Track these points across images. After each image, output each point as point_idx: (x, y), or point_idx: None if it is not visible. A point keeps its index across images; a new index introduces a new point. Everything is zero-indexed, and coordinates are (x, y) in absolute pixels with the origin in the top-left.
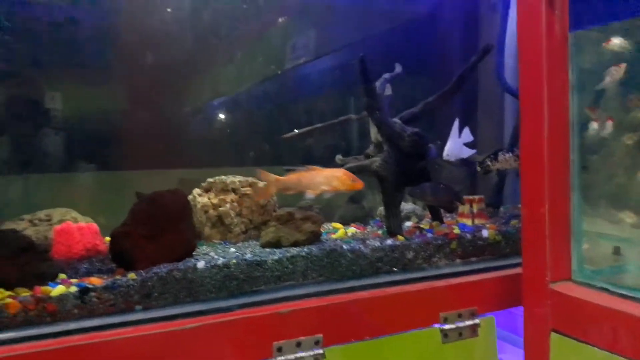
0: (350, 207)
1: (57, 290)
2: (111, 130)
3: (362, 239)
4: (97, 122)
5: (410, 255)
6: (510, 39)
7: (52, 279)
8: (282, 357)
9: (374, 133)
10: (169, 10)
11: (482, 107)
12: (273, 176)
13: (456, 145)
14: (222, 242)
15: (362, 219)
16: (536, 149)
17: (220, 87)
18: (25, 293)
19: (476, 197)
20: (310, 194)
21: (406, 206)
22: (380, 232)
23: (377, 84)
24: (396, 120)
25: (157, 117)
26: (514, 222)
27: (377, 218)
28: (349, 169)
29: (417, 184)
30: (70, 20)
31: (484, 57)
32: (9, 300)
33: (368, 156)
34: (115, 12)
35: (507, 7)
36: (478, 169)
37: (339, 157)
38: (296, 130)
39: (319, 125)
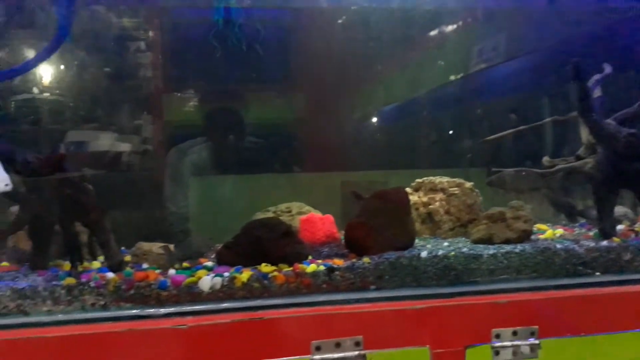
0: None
1: (311, 267)
2: (311, 137)
3: (574, 239)
4: (295, 129)
5: (627, 257)
6: None
7: (304, 259)
8: (499, 343)
9: (585, 134)
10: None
11: None
12: None
13: None
14: (433, 237)
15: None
16: None
17: (415, 89)
18: (286, 269)
19: None
20: None
21: (618, 210)
22: (591, 234)
23: (588, 85)
24: (610, 121)
25: (356, 121)
26: None
27: (583, 221)
28: (560, 170)
29: (635, 187)
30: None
31: None
32: (276, 273)
33: (579, 158)
34: (299, 25)
35: None
36: None
37: (546, 159)
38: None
39: (523, 127)
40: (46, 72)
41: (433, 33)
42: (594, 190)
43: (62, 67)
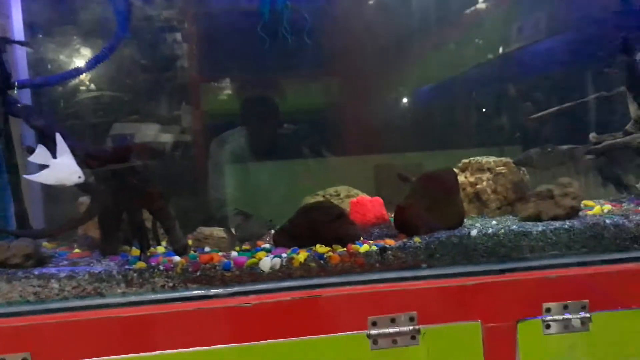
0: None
1: (364, 248)
2: (346, 121)
3: (623, 214)
4: (332, 114)
5: None
6: None
7: (357, 239)
8: (550, 317)
9: (633, 110)
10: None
11: None
12: None
13: None
14: (481, 216)
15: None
16: None
17: (451, 69)
18: (340, 249)
19: None
20: None
21: None
22: None
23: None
24: None
25: (391, 103)
26: None
27: (632, 196)
28: (607, 146)
29: None
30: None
31: None
32: (331, 254)
33: (627, 133)
34: (336, 10)
35: None
36: None
37: (593, 135)
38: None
39: (568, 104)
40: (100, 69)
41: (471, 11)
42: None
43: (115, 63)
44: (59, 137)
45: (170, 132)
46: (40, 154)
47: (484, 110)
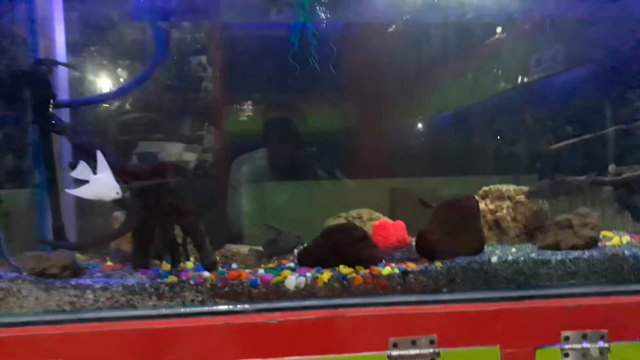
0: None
1: (386, 270)
2: (363, 146)
3: None
4: (349, 138)
5: None
6: None
7: (379, 262)
8: (569, 345)
9: None
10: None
11: None
12: None
13: None
14: (500, 244)
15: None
16: None
17: (469, 98)
18: (362, 271)
19: None
20: None
21: None
22: None
23: None
24: None
25: (408, 129)
26: None
27: None
28: (627, 179)
29: None
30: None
31: None
32: (354, 275)
33: None
34: (354, 39)
35: None
36: None
37: (612, 167)
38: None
39: (587, 135)
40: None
41: (489, 41)
42: None
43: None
44: (99, 155)
45: (196, 151)
46: (82, 170)
47: (499, 138)
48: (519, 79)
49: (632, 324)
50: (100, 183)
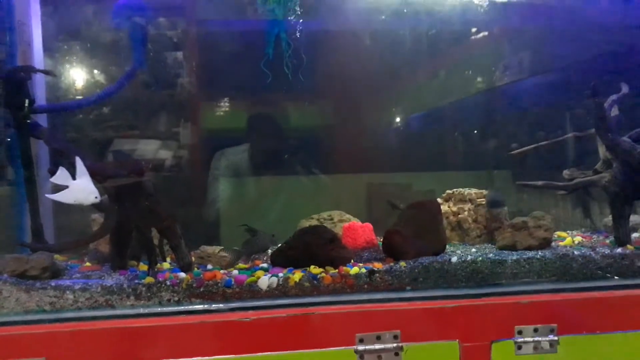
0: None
1: (354, 270)
2: (341, 142)
3: (591, 247)
4: (326, 135)
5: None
6: None
7: (348, 262)
8: (522, 339)
9: (602, 150)
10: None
11: None
12: None
13: None
14: (462, 244)
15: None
16: None
17: (440, 99)
18: (332, 271)
19: None
20: None
21: (633, 219)
22: (607, 241)
23: (605, 105)
24: (625, 138)
25: (383, 128)
26: None
27: (602, 229)
28: (578, 184)
29: None
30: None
31: None
32: (324, 275)
33: (596, 172)
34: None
35: None
36: None
37: (566, 172)
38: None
39: (543, 142)
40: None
41: (460, 47)
42: (610, 201)
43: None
44: (78, 161)
45: (172, 148)
46: (61, 176)
47: (461, 137)
48: (485, 83)
49: (579, 318)
50: (79, 188)
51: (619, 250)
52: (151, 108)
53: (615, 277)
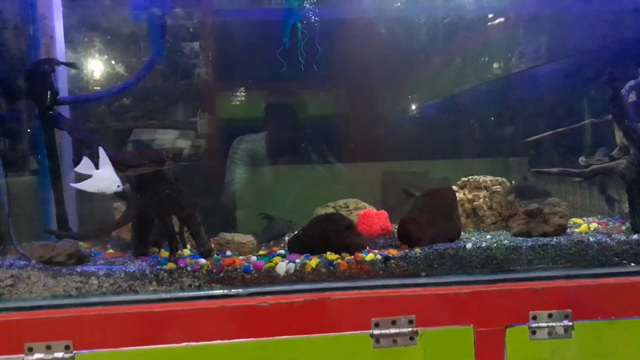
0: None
1: (369, 256)
2: (357, 130)
3: (607, 233)
4: (343, 123)
5: None
6: None
7: (363, 249)
8: (536, 324)
9: (619, 137)
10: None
11: None
12: None
13: None
14: (477, 231)
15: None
16: None
17: (457, 87)
18: (347, 257)
19: None
20: None
21: None
22: (624, 228)
23: (623, 91)
24: None
25: (399, 116)
26: None
27: (618, 216)
28: (594, 170)
29: None
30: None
31: None
32: (340, 261)
33: (612, 158)
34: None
35: None
36: None
37: (582, 159)
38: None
39: (560, 129)
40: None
41: (473, 36)
42: (626, 188)
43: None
44: (101, 151)
45: (190, 137)
46: (85, 165)
47: (476, 125)
48: (500, 70)
49: (594, 304)
50: (102, 177)
51: (635, 236)
52: (170, 98)
53: (632, 264)
